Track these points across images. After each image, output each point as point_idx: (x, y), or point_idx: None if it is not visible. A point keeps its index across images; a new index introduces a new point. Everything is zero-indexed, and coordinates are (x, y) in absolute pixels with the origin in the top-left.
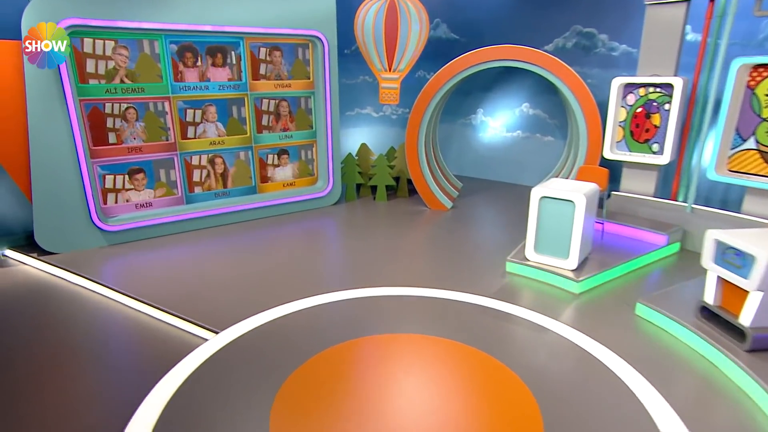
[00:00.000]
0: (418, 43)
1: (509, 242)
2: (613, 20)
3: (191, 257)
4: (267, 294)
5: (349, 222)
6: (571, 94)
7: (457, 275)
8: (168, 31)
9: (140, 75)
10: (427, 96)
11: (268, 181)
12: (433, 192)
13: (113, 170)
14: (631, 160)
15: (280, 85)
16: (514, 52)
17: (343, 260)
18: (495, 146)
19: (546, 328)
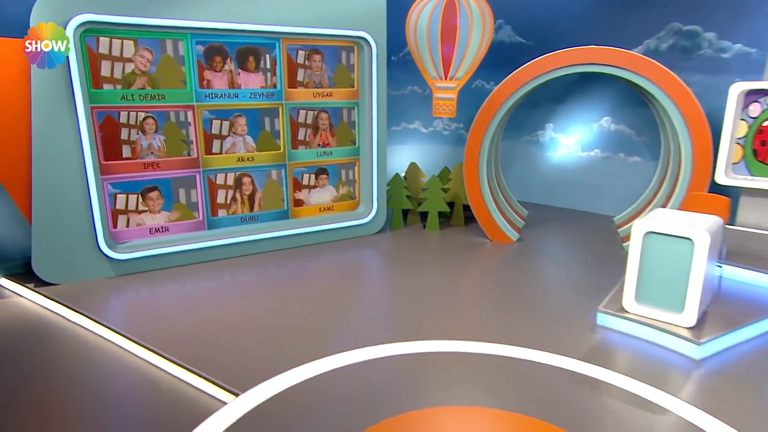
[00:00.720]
0: (480, 47)
1: (594, 286)
2: (724, 15)
3: (211, 294)
4: (298, 344)
5: (395, 255)
6: (673, 105)
7: (531, 327)
8: (194, 29)
9: (161, 80)
10: (491, 109)
11: (303, 204)
12: (496, 221)
13: (126, 189)
14: (753, 187)
15: (320, 93)
16: (602, 54)
17: (389, 303)
18: (567, 168)
19: (656, 405)
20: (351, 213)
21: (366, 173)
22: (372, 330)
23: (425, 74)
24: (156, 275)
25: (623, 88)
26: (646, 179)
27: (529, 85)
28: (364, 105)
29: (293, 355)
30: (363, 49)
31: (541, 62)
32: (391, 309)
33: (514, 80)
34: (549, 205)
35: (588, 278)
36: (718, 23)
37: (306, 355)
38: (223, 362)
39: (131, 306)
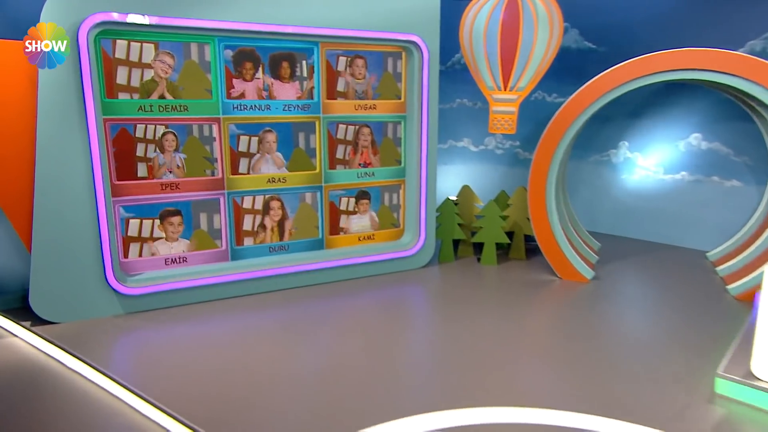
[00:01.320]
0: (546, 53)
1: (696, 341)
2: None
3: (235, 338)
4: (330, 409)
5: (445, 294)
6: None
7: (623, 393)
8: (223, 31)
9: (184, 89)
10: (563, 125)
11: (340, 232)
12: (567, 256)
13: (140, 213)
14: None
15: (363, 106)
16: (706, 58)
17: (438, 356)
18: (646, 193)
19: None
20: (394, 243)
21: (413, 197)
22: (418, 392)
23: (481, 85)
24: (172, 314)
25: (718, 98)
26: (747, 207)
27: (609, 96)
28: (413, 119)
29: (324, 422)
30: (413, 55)
31: (627, 68)
32: (440, 364)
33: (591, 90)
34: (623, 236)
35: (687, 330)
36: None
37: (335, 425)
38: (246, 428)
39: (142, 352)
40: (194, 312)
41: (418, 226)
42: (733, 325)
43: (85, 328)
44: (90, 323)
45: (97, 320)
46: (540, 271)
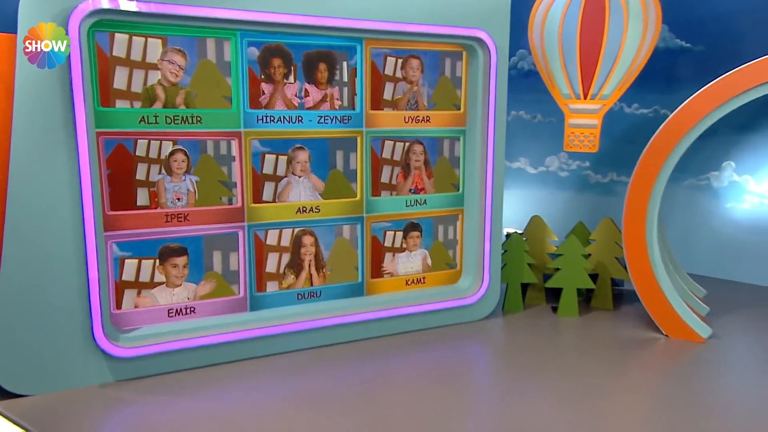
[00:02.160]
0: (639, 53)
1: None
2: None
3: (251, 414)
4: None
5: (515, 357)
6: None
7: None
8: (247, 24)
9: (198, 96)
10: (670, 142)
11: (384, 275)
12: (676, 309)
13: (138, 251)
14: None
15: (415, 118)
16: None
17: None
18: (758, 226)
19: None
20: (450, 288)
21: (473, 231)
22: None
23: (555, 93)
24: (175, 381)
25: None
26: None
27: (730, 106)
28: (475, 134)
29: None
30: (476, 55)
31: (754, 69)
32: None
33: (709, 98)
34: (728, 280)
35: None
36: None
37: None
38: None
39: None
40: (204, 379)
41: (479, 268)
42: None
43: (64, 403)
44: (70, 395)
45: (80, 391)
46: (636, 326)
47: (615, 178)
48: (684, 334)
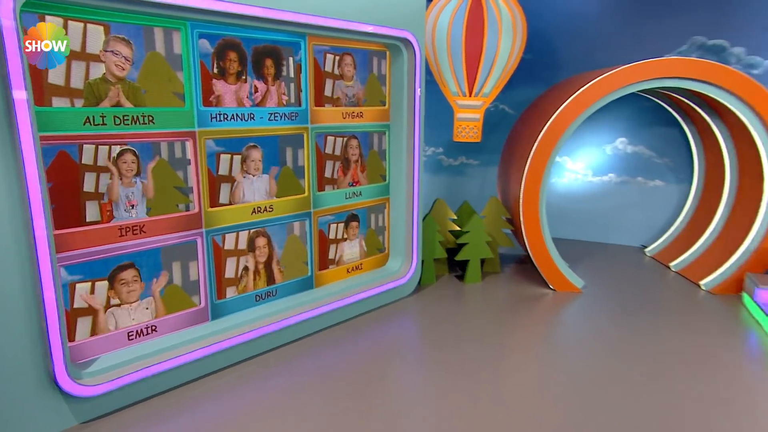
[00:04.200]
0: (510, 58)
1: (737, 348)
2: (754, 27)
3: (231, 428)
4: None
5: (443, 322)
6: (762, 125)
7: (756, 416)
8: (196, 12)
9: (148, 92)
10: (556, 134)
11: (330, 266)
12: (560, 267)
13: (91, 273)
14: None
15: (351, 113)
16: (697, 68)
17: (456, 405)
18: (575, 195)
19: None
20: (382, 271)
21: (400, 217)
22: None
23: (445, 90)
24: (145, 411)
25: (642, 105)
26: (669, 204)
27: (606, 99)
28: (400, 128)
29: None
30: (401, 54)
31: (628, 72)
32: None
33: (590, 94)
34: (556, 238)
35: (710, 325)
36: (748, 37)
37: None
38: None
39: None
40: (176, 401)
41: (407, 250)
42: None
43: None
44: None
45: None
46: (527, 284)
47: (465, 161)
48: (566, 287)
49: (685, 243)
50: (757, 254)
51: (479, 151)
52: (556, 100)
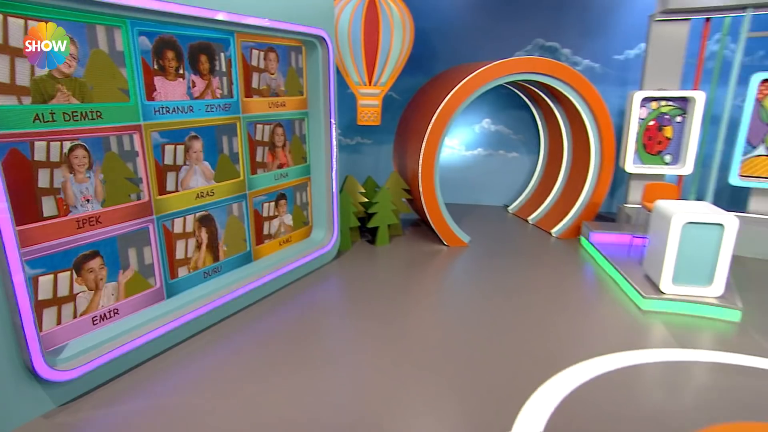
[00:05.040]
0: (402, 52)
1: (577, 276)
2: (574, 34)
3: (196, 395)
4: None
5: (363, 280)
6: (588, 108)
7: (593, 325)
8: (135, 11)
9: (94, 88)
10: (446, 116)
11: (265, 240)
12: (451, 226)
13: (52, 265)
14: (654, 173)
15: (275, 103)
16: (545, 65)
17: (426, 337)
18: (453, 166)
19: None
20: (308, 242)
21: (321, 194)
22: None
23: (349, 80)
24: (117, 388)
25: (501, 93)
26: (524, 171)
27: (483, 89)
28: (318, 114)
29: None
30: (316, 49)
31: (497, 68)
32: (438, 350)
33: (471, 85)
34: None
35: (566, 269)
36: (572, 41)
37: None
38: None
39: None
40: (143, 375)
41: (329, 221)
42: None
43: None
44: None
45: (27, 427)
46: (426, 242)
47: (360, 141)
48: (456, 242)
49: (537, 201)
50: (588, 207)
51: (371, 132)
52: (442, 88)
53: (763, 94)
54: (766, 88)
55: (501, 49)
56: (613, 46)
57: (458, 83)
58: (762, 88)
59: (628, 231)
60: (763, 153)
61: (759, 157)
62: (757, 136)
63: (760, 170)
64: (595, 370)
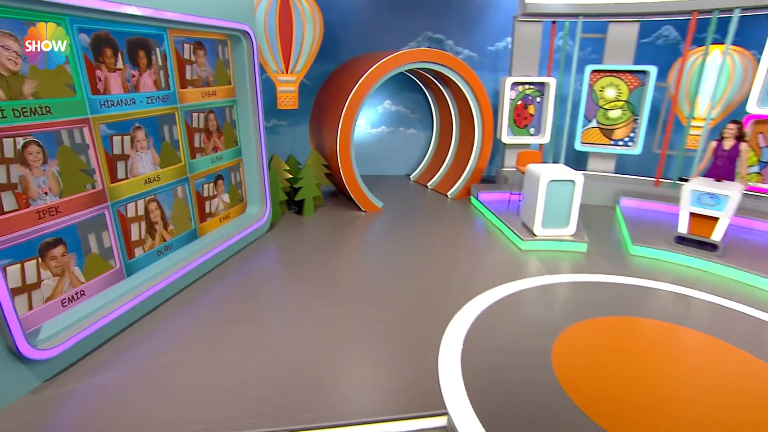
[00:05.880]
0: (313, 43)
1: (471, 227)
2: (456, 27)
3: (170, 356)
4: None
5: (295, 247)
6: (471, 91)
7: (487, 264)
8: (73, 9)
9: (41, 85)
10: (358, 99)
11: (207, 218)
12: (367, 195)
13: (18, 255)
14: (522, 142)
15: (207, 93)
16: (437, 56)
17: (361, 285)
18: (361, 142)
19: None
20: (244, 217)
21: (253, 173)
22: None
23: (268, 69)
24: (92, 362)
25: (398, 78)
26: (421, 145)
27: (387, 76)
28: (245, 102)
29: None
30: (240, 42)
31: (400, 57)
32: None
33: (378, 72)
34: None
35: (462, 222)
36: (454, 33)
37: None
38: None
39: (98, 417)
40: (115, 347)
41: (261, 198)
42: (472, 211)
43: (15, 417)
44: (13, 409)
45: (17, 403)
46: (346, 210)
47: (276, 123)
48: (372, 208)
49: (434, 169)
50: (475, 172)
51: (286, 115)
52: (352, 75)
53: (593, 80)
54: (595, 76)
55: (396, 40)
56: (487, 39)
57: (366, 71)
58: (592, 76)
59: (507, 189)
60: (595, 126)
61: (593, 129)
62: (591, 113)
63: (594, 138)
64: (493, 296)
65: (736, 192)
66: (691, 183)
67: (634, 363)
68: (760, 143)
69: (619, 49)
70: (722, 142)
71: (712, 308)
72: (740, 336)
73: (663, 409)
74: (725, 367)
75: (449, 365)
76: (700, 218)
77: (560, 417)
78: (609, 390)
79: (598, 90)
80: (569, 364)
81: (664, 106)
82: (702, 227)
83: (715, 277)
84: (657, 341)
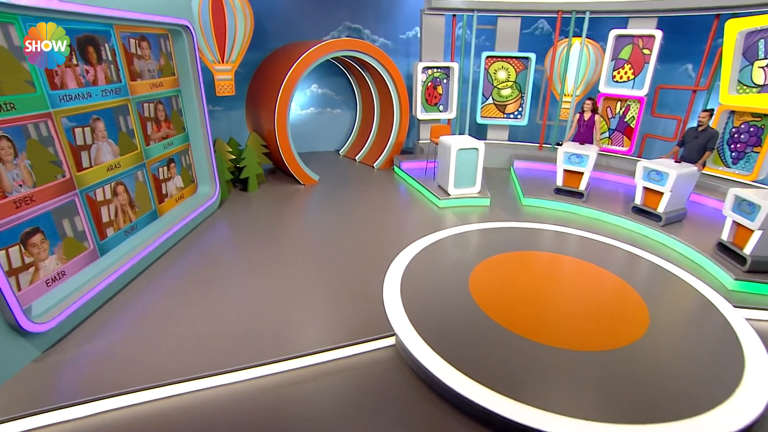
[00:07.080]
0: (245, 36)
1: (396, 192)
2: (372, 18)
3: (141, 329)
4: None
5: (245, 220)
6: (389, 75)
7: (412, 221)
8: (25, 9)
9: (2, 83)
10: (292, 84)
11: (165, 198)
12: (304, 169)
13: (2, 242)
14: (434, 118)
15: (155, 84)
16: (359, 45)
17: (317, 251)
18: (294, 123)
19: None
20: (197, 197)
21: (201, 156)
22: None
23: (204, 59)
24: (81, 334)
25: (324, 64)
26: (347, 123)
27: (316, 63)
28: (189, 91)
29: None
30: (181, 35)
31: (327, 46)
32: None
33: (308, 59)
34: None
35: (388, 188)
36: (370, 23)
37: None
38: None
39: (109, 371)
40: (101, 319)
41: (210, 178)
42: (394, 177)
43: (14, 391)
44: (20, 378)
45: (23, 372)
46: (285, 184)
47: (212, 108)
48: (309, 181)
49: (360, 144)
50: (396, 145)
51: (221, 100)
52: (284, 63)
53: (488, 64)
54: (489, 61)
55: (318, 30)
56: (398, 28)
57: (297, 59)
58: (487, 61)
59: (423, 159)
60: (491, 102)
61: (489, 105)
62: (488, 91)
63: (491, 113)
64: (419, 246)
65: (593, 152)
66: (564, 146)
67: (529, 284)
68: (608, 115)
69: (507, 39)
70: (583, 114)
71: (581, 240)
72: (599, 257)
73: (551, 313)
74: (589, 280)
75: (392, 299)
76: (571, 173)
77: (480, 327)
78: (513, 305)
79: (493, 72)
80: (483, 289)
81: (543, 86)
82: (572, 180)
83: (582, 217)
84: (545, 267)
